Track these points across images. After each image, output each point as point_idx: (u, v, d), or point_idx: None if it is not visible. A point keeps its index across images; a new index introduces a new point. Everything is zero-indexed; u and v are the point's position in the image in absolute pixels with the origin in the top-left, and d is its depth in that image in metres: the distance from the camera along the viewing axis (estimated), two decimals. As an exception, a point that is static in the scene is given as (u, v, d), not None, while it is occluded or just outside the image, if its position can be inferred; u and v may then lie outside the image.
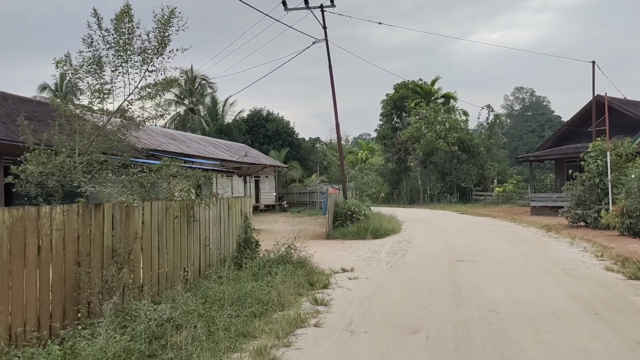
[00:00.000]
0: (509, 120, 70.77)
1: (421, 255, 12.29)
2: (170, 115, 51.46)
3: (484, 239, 15.39)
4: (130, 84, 6.60)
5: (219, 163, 25.96)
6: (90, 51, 6.49)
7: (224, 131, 45.07)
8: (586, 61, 38.73)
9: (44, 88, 44.73)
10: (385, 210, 26.57)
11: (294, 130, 49.28)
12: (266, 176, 36.87)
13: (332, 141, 55.13)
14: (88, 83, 6.57)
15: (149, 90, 6.73)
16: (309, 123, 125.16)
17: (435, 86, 48.03)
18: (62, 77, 17.38)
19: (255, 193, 35.41)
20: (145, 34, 6.61)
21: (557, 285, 8.30)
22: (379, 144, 51.70)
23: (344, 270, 10.11)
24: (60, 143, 6.55)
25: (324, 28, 20.84)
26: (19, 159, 6.40)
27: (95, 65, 6.38)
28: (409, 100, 46.17)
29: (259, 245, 10.26)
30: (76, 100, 25.74)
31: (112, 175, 6.34)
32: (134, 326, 5.28)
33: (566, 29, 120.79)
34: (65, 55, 6.72)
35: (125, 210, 6.39)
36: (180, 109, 51.94)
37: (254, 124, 46.64)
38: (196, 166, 22.91)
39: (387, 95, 49.46)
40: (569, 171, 25.74)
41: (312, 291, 8.09)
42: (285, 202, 36.79)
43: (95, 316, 5.54)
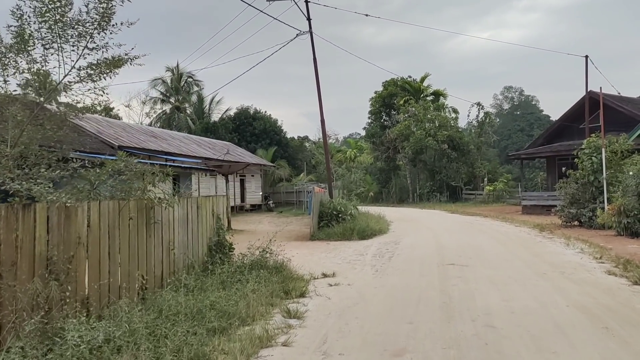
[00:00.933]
0: (498, 119, 70.45)
1: (409, 258, 11.48)
2: (155, 114, 50.47)
3: (475, 239, 14.61)
4: (66, 63, 5.67)
5: (201, 161, 25.03)
6: (18, 25, 5.54)
7: (210, 129, 44.19)
8: (579, 55, 38.29)
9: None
10: (374, 209, 25.77)
11: (282, 128, 48.47)
12: (252, 175, 35.93)
13: (321, 139, 54.20)
14: (16, 62, 5.62)
15: (90, 71, 5.79)
16: (299, 122, 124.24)
17: (425, 83, 47.20)
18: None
19: (241, 192, 34.45)
20: (84, 4, 5.67)
21: (558, 292, 7.53)
22: (368, 142, 50.92)
23: (325, 275, 9.28)
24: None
25: (308, 20, 20.04)
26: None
27: (20, 39, 5.41)
28: (398, 98, 45.44)
29: (233, 249, 9.41)
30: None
31: (45, 170, 5.40)
32: (62, 351, 4.40)
33: (554, 29, 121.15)
34: None
35: (65, 212, 5.49)
36: (166, 107, 50.88)
37: (241, 122, 45.75)
38: (177, 164, 22.04)
39: (376, 92, 48.69)
40: (562, 169, 25.18)
41: (287, 300, 7.26)
42: (271, 202, 35.88)
43: (18, 339, 4.64)
